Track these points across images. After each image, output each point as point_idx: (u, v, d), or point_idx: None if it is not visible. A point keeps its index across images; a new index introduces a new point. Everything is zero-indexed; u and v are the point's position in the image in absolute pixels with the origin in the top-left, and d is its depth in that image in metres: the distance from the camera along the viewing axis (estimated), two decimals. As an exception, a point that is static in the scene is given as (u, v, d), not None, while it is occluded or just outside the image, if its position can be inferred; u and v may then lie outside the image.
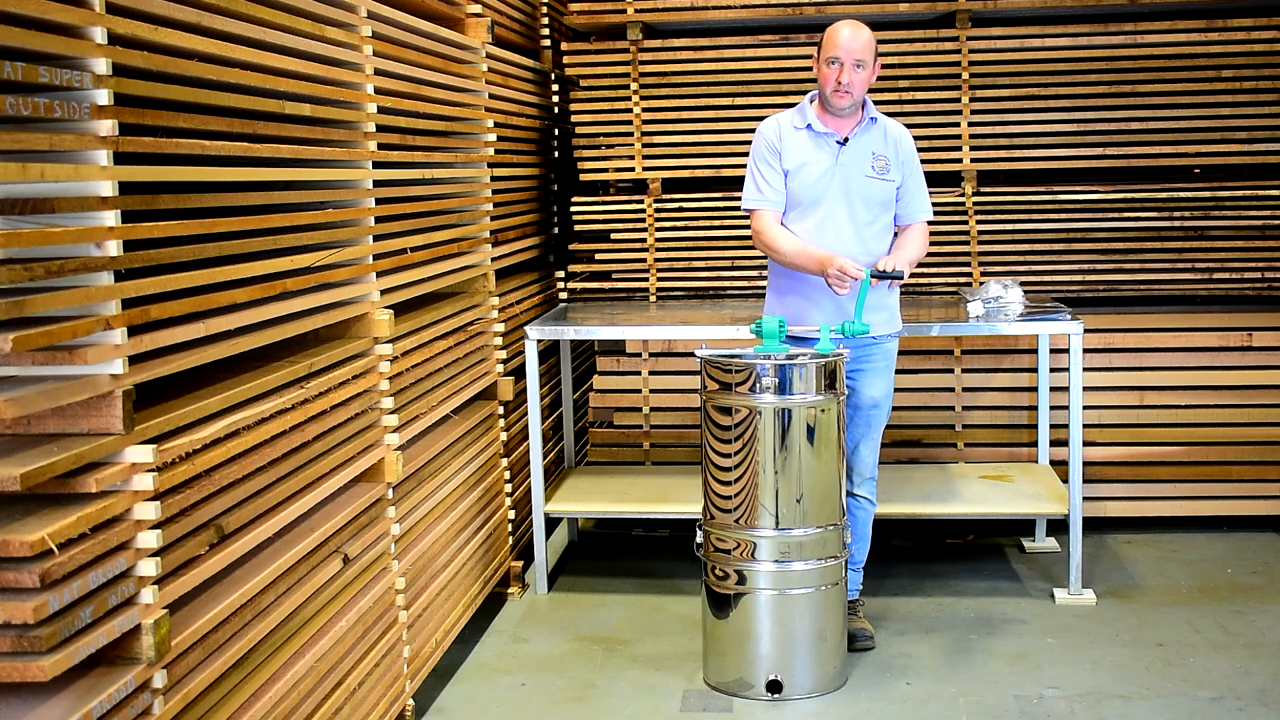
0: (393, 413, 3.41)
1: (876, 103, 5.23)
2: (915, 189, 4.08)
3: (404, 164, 3.64)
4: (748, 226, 4.23)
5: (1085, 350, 4.78)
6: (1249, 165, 5.25)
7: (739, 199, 4.16)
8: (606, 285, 5.46)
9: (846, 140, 3.97)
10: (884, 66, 5.21)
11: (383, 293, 3.38)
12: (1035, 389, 5.18)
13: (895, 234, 4.10)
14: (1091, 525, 5.02)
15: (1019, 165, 5.28)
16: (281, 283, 2.79)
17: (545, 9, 5.49)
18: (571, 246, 5.55)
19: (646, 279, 5.41)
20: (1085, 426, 4.89)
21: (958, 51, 5.19)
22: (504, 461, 4.67)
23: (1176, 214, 5.19)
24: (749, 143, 4.77)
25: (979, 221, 5.25)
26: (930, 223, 5.18)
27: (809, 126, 3.99)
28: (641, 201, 5.38)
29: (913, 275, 5.23)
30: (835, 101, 3.91)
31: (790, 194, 3.99)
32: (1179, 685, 3.80)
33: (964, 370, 5.23)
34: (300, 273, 2.88)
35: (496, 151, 4.59)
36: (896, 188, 4.02)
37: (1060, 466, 4.97)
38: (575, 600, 4.66)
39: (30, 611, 1.90)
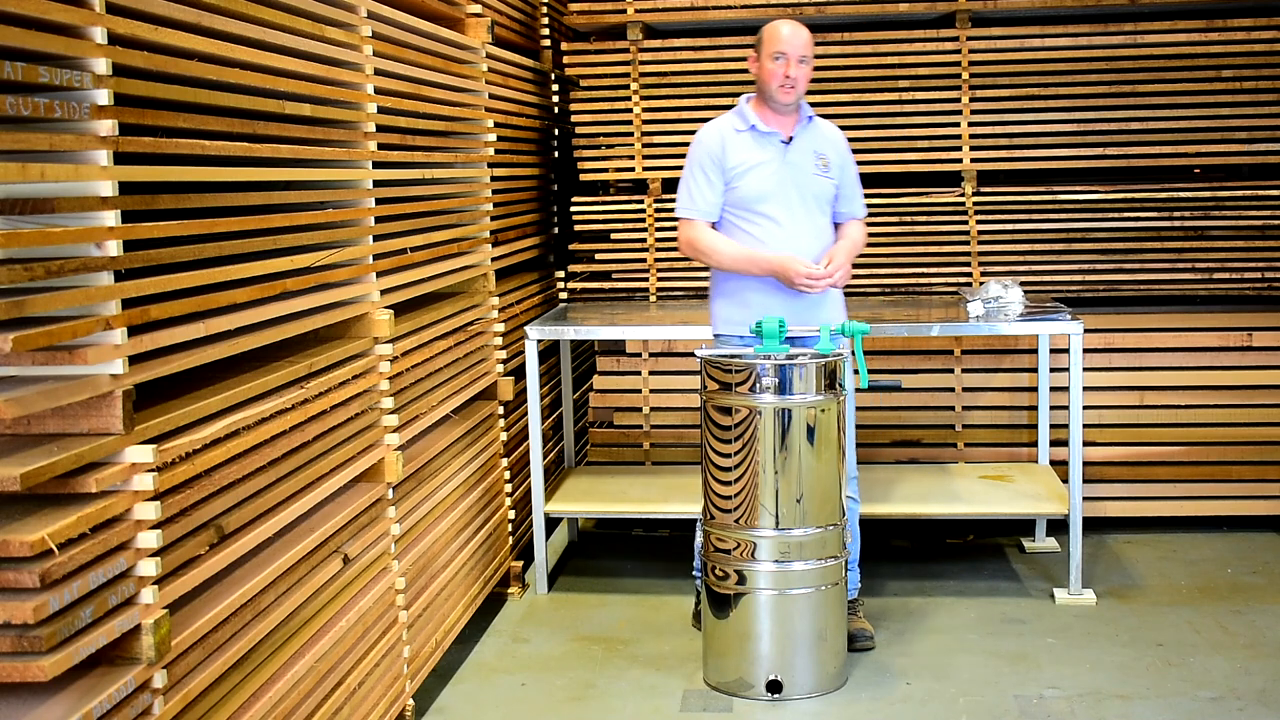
0: (393, 413, 3.41)
1: (876, 102, 5.27)
2: (853, 186, 4.16)
3: (404, 164, 3.64)
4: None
5: (1085, 350, 4.78)
6: (1249, 165, 5.25)
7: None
8: (606, 285, 5.46)
9: (791, 139, 4.00)
10: (884, 66, 5.24)
11: (383, 293, 3.38)
12: (1035, 389, 5.18)
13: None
14: (1091, 525, 5.02)
15: (1019, 165, 5.28)
16: (281, 283, 2.79)
17: (545, 9, 5.49)
18: (571, 246, 5.55)
19: (646, 279, 5.41)
20: (1085, 426, 4.89)
21: (958, 51, 5.19)
22: (504, 461, 4.67)
23: (1176, 214, 5.19)
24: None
25: (979, 221, 5.25)
26: (930, 222, 5.26)
27: (753, 127, 3.99)
28: (641, 201, 5.38)
29: (913, 275, 5.25)
30: (781, 97, 3.93)
31: (739, 196, 3.98)
32: (1179, 685, 3.80)
33: (964, 370, 5.23)
34: (300, 273, 2.88)
35: (496, 151, 4.59)
36: (836, 186, 4.07)
37: (1060, 466, 4.97)
38: (575, 600, 4.66)
39: (30, 611, 1.90)
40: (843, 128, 5.22)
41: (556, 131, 5.63)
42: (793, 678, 3.75)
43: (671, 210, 5.31)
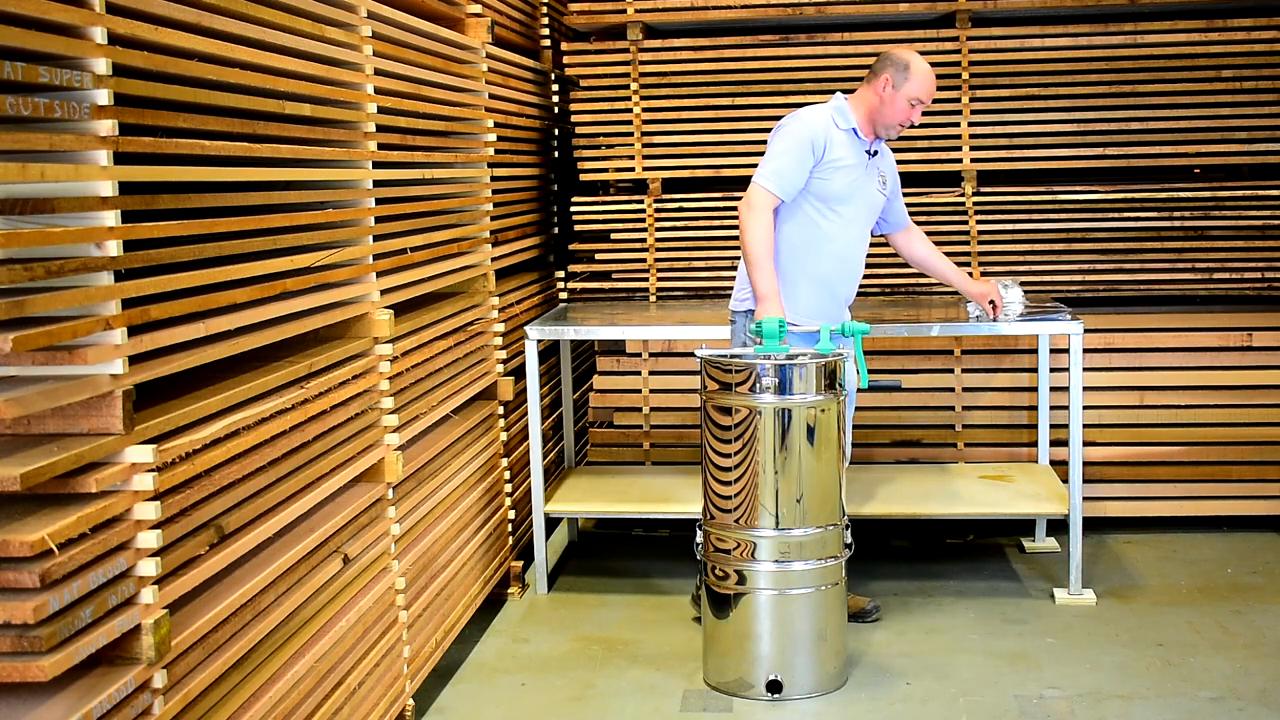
0: (393, 413, 3.41)
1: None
2: (900, 196, 4.42)
3: (404, 164, 3.64)
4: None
5: (1085, 350, 4.78)
6: (1249, 165, 5.25)
7: (739, 199, 4.12)
8: (606, 285, 5.46)
9: (875, 153, 4.17)
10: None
11: (383, 293, 3.38)
12: (1035, 389, 5.17)
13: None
14: (1091, 525, 5.02)
15: (1019, 165, 5.28)
16: (281, 283, 2.79)
17: (545, 9, 5.49)
18: (571, 246, 5.55)
19: (646, 279, 5.41)
20: (1085, 426, 4.89)
21: (958, 51, 5.19)
22: (504, 461, 4.67)
23: (1176, 214, 5.19)
24: (750, 142, 4.73)
25: (979, 221, 5.25)
26: (930, 222, 5.26)
27: (854, 130, 4.09)
28: (641, 201, 5.38)
29: (913, 275, 5.25)
30: (894, 134, 4.12)
31: (826, 190, 4.06)
32: (1179, 685, 3.80)
33: (964, 370, 5.23)
34: (300, 273, 2.88)
35: (496, 151, 4.59)
36: (885, 201, 4.30)
37: (1060, 466, 4.97)
38: (575, 600, 4.66)
39: (30, 611, 1.90)
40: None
41: (556, 131, 5.63)
42: (793, 678, 3.75)
43: (671, 210, 5.35)
